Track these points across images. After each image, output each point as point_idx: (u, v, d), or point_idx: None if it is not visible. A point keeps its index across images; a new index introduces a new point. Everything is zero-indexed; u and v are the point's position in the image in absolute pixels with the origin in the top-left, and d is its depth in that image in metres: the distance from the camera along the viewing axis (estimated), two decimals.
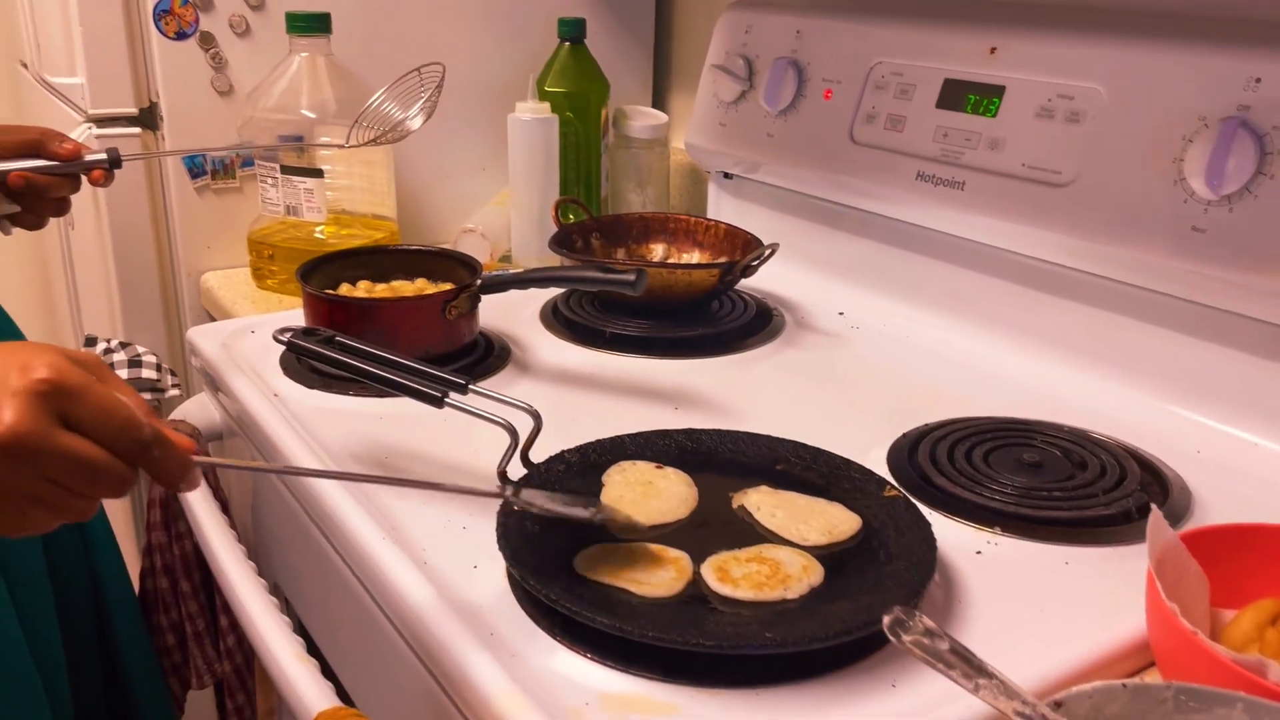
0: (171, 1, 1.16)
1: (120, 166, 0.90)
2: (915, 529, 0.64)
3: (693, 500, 0.69)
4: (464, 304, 0.93)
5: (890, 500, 0.68)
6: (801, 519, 0.65)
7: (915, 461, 0.77)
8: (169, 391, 1.21)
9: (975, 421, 0.83)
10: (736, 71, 1.18)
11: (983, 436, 0.80)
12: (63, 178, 0.89)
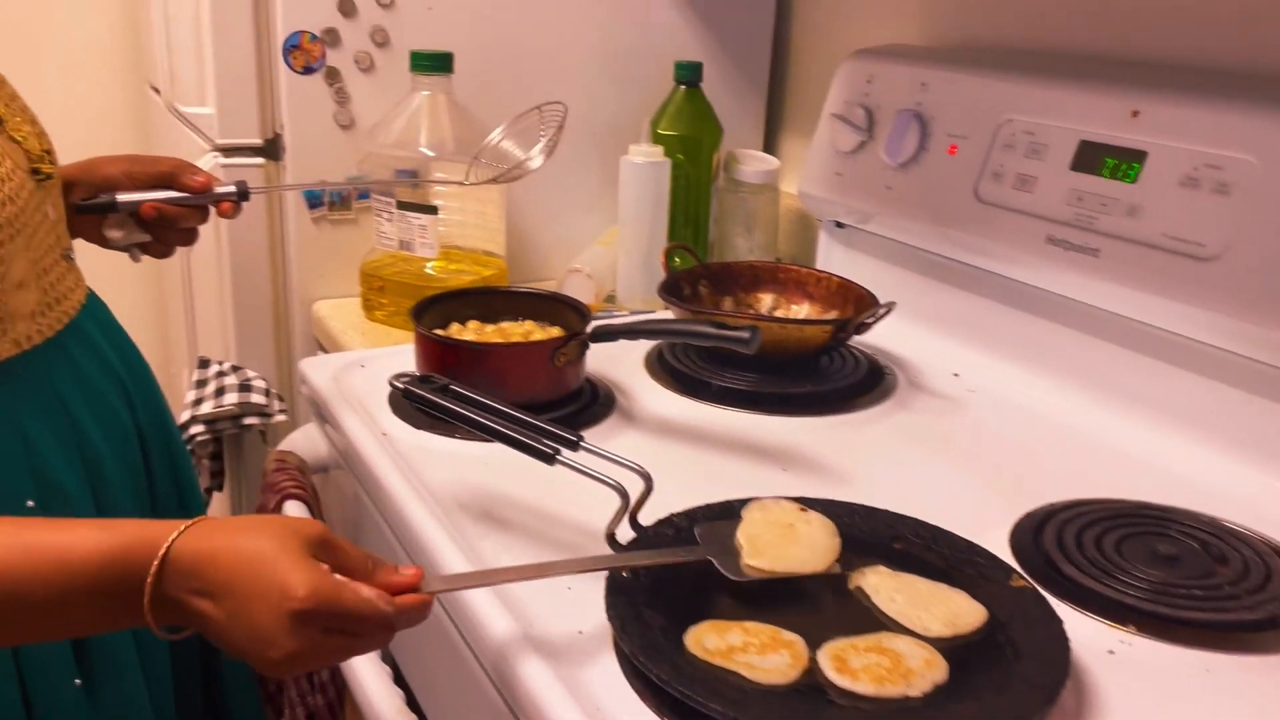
0: (301, 37, 1.19)
1: (248, 199, 0.92)
2: (1046, 625, 0.60)
3: (834, 551, 0.66)
4: (572, 351, 0.92)
5: (1018, 591, 0.64)
6: (923, 606, 0.62)
7: (1041, 546, 0.73)
8: (275, 417, 1.24)
9: (1105, 504, 0.78)
10: (856, 121, 1.15)
11: (1114, 522, 0.76)
12: (192, 209, 0.90)
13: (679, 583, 0.64)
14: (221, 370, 1.25)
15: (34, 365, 0.69)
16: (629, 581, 0.62)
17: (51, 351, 0.71)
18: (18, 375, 0.68)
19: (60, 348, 0.72)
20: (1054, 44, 1.10)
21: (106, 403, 0.76)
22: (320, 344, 1.29)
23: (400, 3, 1.22)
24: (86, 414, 0.73)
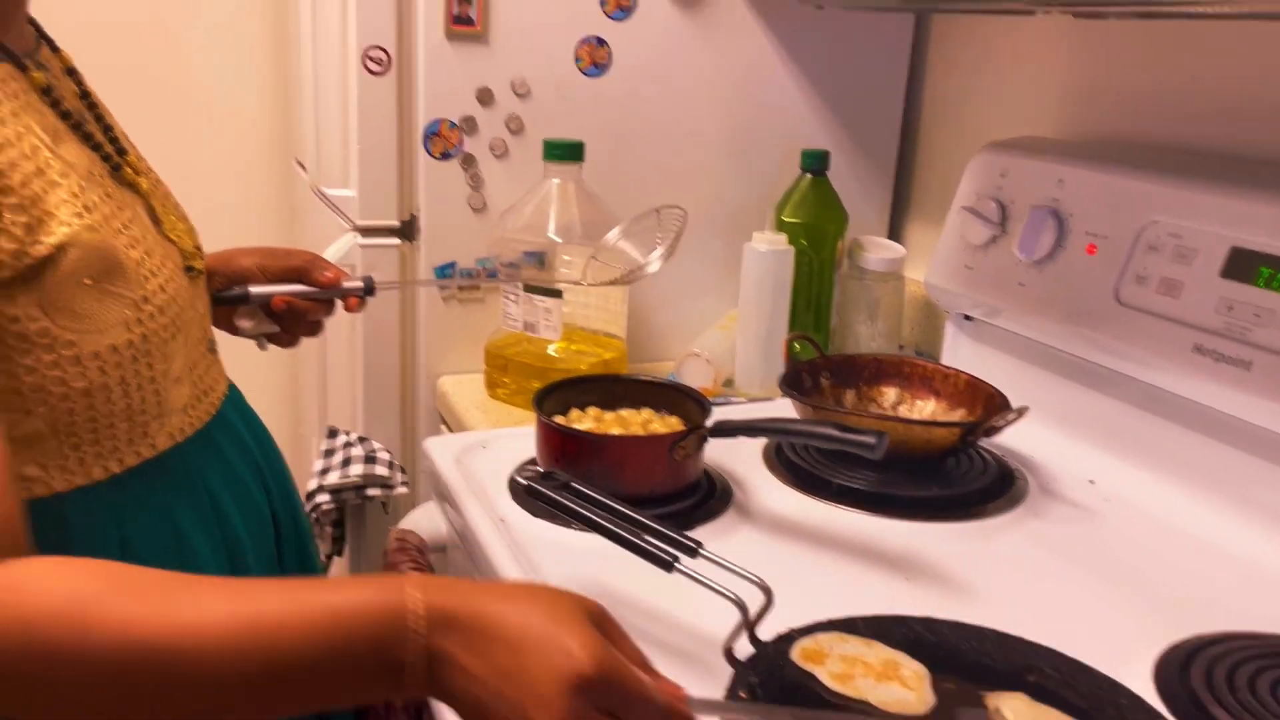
0: (441, 125, 1.23)
1: (374, 294, 0.95)
2: None
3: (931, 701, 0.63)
4: (692, 445, 0.91)
5: None
6: None
7: (1189, 685, 0.68)
8: (397, 489, 1.26)
9: (1260, 640, 0.73)
10: (988, 215, 1.13)
11: (1271, 660, 0.70)
12: (321, 303, 0.93)
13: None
14: (349, 441, 1.29)
15: (185, 458, 0.72)
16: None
17: (200, 443, 0.74)
18: (171, 468, 0.71)
19: (208, 439, 0.75)
20: (1202, 142, 1.06)
21: (247, 491, 0.78)
22: (443, 418, 1.32)
23: (535, 92, 1.26)
24: (231, 504, 0.76)
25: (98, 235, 0.64)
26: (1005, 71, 1.31)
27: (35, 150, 0.62)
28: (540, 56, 1.25)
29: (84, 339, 0.63)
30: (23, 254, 0.60)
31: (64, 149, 0.66)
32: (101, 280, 0.64)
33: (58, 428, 0.64)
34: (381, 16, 1.19)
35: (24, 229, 0.60)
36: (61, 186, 0.63)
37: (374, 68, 1.21)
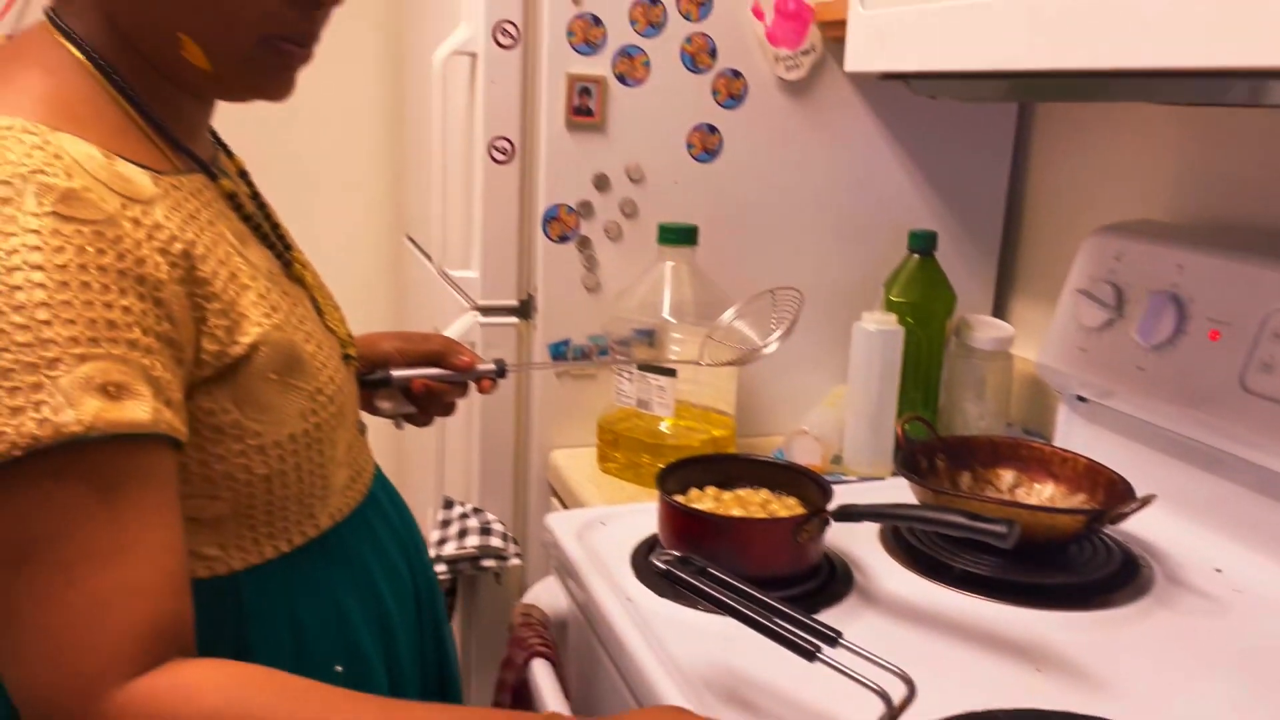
0: (559, 209, 1.29)
1: (505, 377, 0.99)
2: None
3: None
4: (815, 529, 0.93)
5: None
6: None
7: None
8: (511, 560, 1.29)
9: None
10: (1104, 298, 1.13)
11: None
12: (456, 385, 0.97)
13: None
14: (464, 512, 1.32)
15: (343, 536, 0.76)
16: None
17: (356, 521, 0.78)
18: (331, 547, 0.75)
19: (362, 517, 0.79)
20: None
21: (394, 565, 0.82)
22: (555, 491, 1.35)
23: (649, 178, 1.31)
24: (382, 578, 0.79)
25: (282, 333, 0.69)
26: (1112, 155, 1.32)
27: (229, 256, 0.67)
28: (654, 144, 1.30)
29: (268, 429, 0.68)
30: (223, 354, 0.65)
31: (250, 251, 0.71)
32: (284, 374, 0.69)
33: (239, 511, 0.68)
34: (507, 109, 1.26)
35: (224, 331, 0.65)
36: (251, 289, 0.68)
37: (499, 157, 1.27)
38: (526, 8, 1.24)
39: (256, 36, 0.67)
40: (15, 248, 0.56)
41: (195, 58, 0.67)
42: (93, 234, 0.58)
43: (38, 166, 0.58)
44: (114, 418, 0.57)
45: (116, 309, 0.58)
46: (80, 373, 0.56)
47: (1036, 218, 1.46)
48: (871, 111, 1.37)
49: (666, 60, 1.28)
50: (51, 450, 0.55)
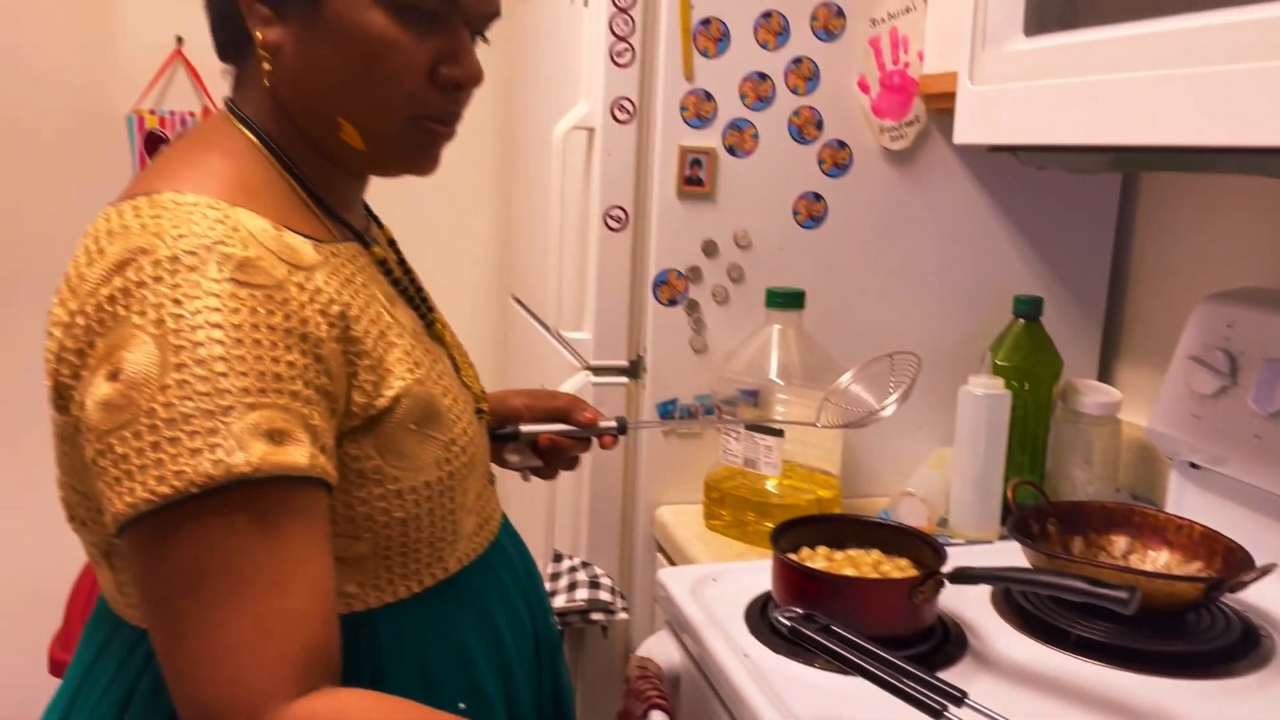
0: (669, 274, 1.34)
1: (626, 433, 1.03)
2: None
3: None
4: (930, 590, 0.94)
5: None
6: None
7: None
8: (619, 614, 1.32)
9: None
10: (1216, 366, 1.13)
11: None
12: (579, 440, 1.02)
13: None
14: (573, 565, 1.36)
15: (470, 580, 0.81)
16: None
17: (482, 567, 0.83)
18: (459, 590, 0.80)
19: (487, 563, 0.84)
20: None
21: (518, 613, 0.86)
22: (660, 546, 1.38)
23: (756, 244, 1.35)
24: (506, 624, 0.84)
25: (423, 387, 0.75)
26: (1217, 222, 1.33)
27: (379, 315, 0.74)
28: (761, 211, 1.35)
29: (406, 476, 0.73)
30: (370, 405, 0.71)
31: (398, 311, 0.78)
32: (422, 425, 0.74)
33: (377, 551, 0.74)
34: (623, 180, 1.32)
35: (372, 385, 0.71)
36: (398, 346, 0.74)
37: (613, 224, 1.33)
38: (643, 85, 1.31)
39: (405, 118, 0.75)
40: (199, 309, 0.63)
41: (352, 139, 0.75)
42: (264, 297, 0.65)
43: (219, 238, 0.66)
44: (277, 460, 0.63)
45: (283, 364, 0.65)
46: (250, 420, 0.62)
47: (1142, 284, 1.46)
48: (975, 179, 1.40)
49: (774, 132, 1.34)
50: (223, 488, 0.61)
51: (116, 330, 0.63)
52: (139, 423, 0.61)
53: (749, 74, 1.32)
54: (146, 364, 0.62)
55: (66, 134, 1.92)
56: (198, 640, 0.62)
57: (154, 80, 1.90)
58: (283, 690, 0.61)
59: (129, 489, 0.61)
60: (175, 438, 0.61)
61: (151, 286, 0.63)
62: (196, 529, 0.62)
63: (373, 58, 0.72)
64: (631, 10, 1.28)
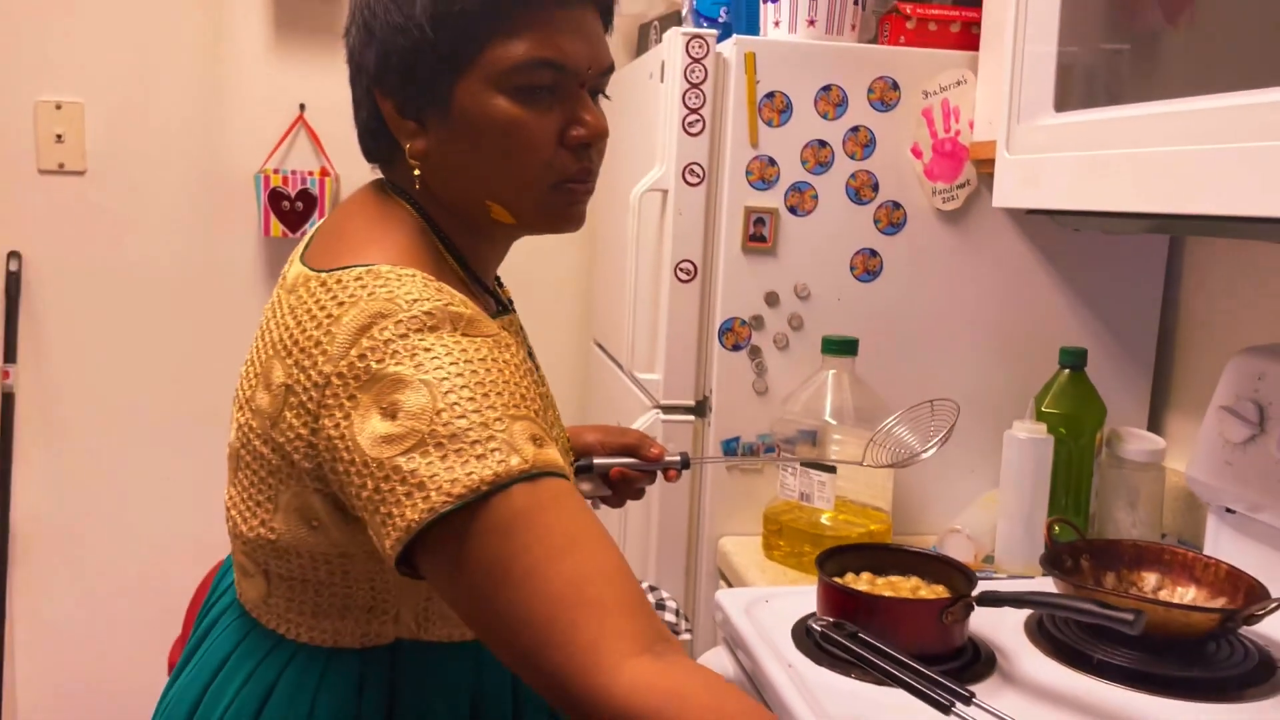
0: (734, 322, 1.46)
1: (689, 468, 1.14)
2: None
3: None
4: (959, 612, 1.03)
5: None
6: None
7: None
8: (683, 635, 1.44)
9: None
10: (1247, 416, 1.20)
11: None
12: (646, 473, 1.13)
13: None
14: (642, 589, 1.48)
15: None
16: None
17: None
18: None
19: None
20: None
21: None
22: (723, 574, 1.49)
23: (814, 295, 1.47)
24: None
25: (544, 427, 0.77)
26: (1261, 278, 1.39)
27: (530, 369, 0.79)
28: (820, 266, 1.47)
29: None
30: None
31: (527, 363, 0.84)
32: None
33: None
34: (692, 237, 1.45)
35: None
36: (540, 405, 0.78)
37: (683, 276, 1.46)
38: (712, 151, 1.45)
39: (546, 186, 0.82)
40: (449, 355, 0.71)
41: (502, 216, 0.84)
42: (493, 343, 0.74)
43: (446, 302, 0.74)
44: (545, 459, 0.70)
45: (521, 387, 0.73)
46: (516, 429, 0.70)
47: (1190, 336, 1.53)
48: (1024, 237, 1.49)
49: (833, 193, 1.46)
50: (506, 486, 0.67)
51: (379, 380, 0.70)
52: (425, 445, 0.68)
53: (810, 141, 1.44)
54: (419, 399, 0.69)
55: (200, 191, 2.14)
56: (534, 618, 0.65)
57: (279, 143, 2.12)
58: (627, 646, 0.63)
59: (423, 497, 0.67)
60: (460, 449, 0.67)
61: (399, 342, 0.71)
62: (496, 525, 0.67)
63: (505, 140, 0.80)
64: (703, 85, 1.42)
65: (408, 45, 0.80)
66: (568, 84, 0.82)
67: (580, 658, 0.63)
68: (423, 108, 0.82)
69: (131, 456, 2.19)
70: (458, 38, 0.79)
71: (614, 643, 0.63)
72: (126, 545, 2.21)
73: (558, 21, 0.80)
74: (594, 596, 0.65)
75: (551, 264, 2.29)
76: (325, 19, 2.13)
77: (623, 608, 0.65)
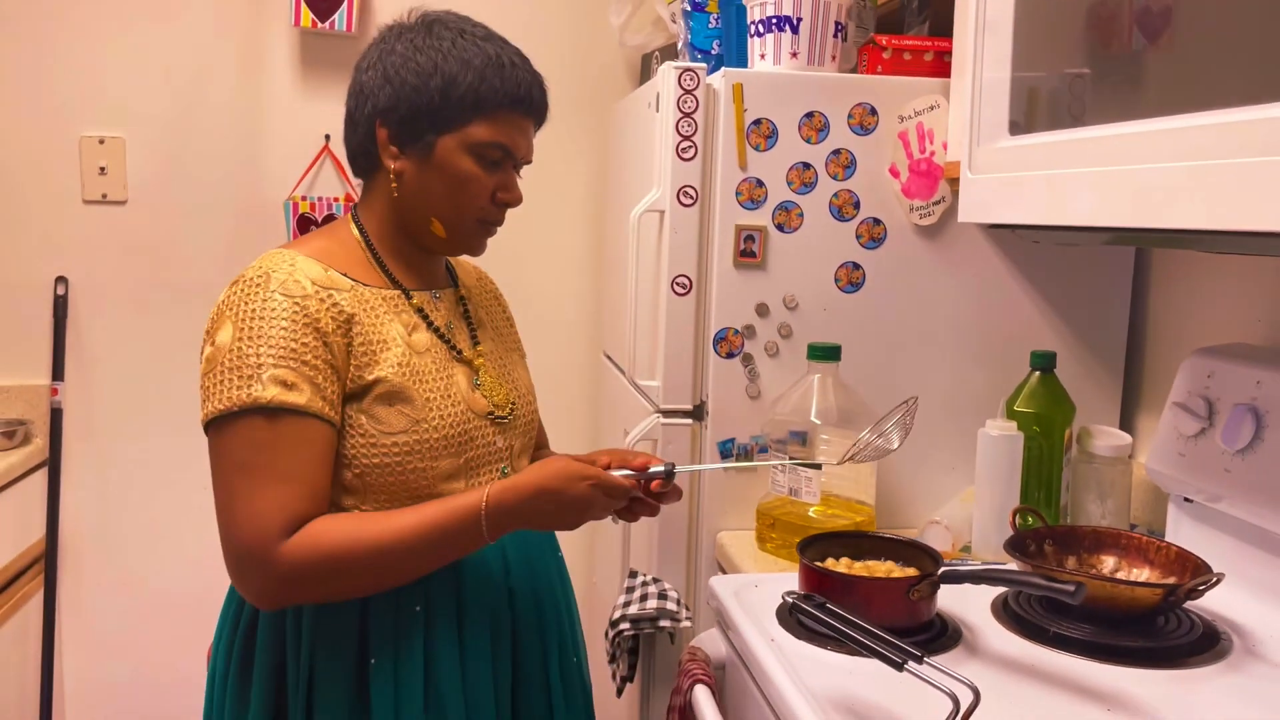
0: (727, 332, 1.58)
1: (674, 478, 1.23)
2: None
3: None
4: (925, 589, 1.14)
5: None
6: None
7: None
8: (683, 622, 1.55)
9: None
10: (1197, 410, 1.31)
11: None
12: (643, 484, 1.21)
13: None
14: (645, 580, 1.59)
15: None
16: None
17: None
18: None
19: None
20: None
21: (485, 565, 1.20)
22: (720, 566, 1.60)
23: (802, 306, 1.58)
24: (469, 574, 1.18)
25: (400, 379, 1.11)
26: (1218, 285, 1.50)
27: (382, 331, 1.13)
28: (806, 279, 1.58)
29: (379, 434, 1.10)
30: (360, 379, 1.10)
31: (415, 336, 1.15)
32: (394, 403, 1.10)
33: (365, 484, 1.11)
34: (687, 253, 1.57)
35: (361, 367, 1.10)
36: (391, 352, 1.12)
37: (679, 290, 1.58)
38: (704, 175, 1.57)
39: (474, 221, 1.17)
40: (257, 308, 1.06)
41: (438, 231, 1.17)
42: (292, 302, 1.07)
43: (278, 271, 1.09)
44: (284, 399, 1.04)
45: (299, 342, 1.06)
46: (272, 374, 1.04)
47: (1158, 339, 1.63)
48: (997, 249, 1.60)
49: (817, 211, 1.57)
50: (250, 410, 1.03)
51: (219, 321, 1.08)
52: (216, 370, 1.05)
53: (795, 164, 1.56)
54: (225, 338, 1.06)
55: (233, 218, 2.29)
56: (235, 505, 1.04)
57: (306, 171, 2.26)
58: (282, 535, 1.03)
59: (205, 406, 1.05)
60: (230, 379, 1.04)
61: (237, 296, 1.08)
62: (236, 436, 1.04)
63: (461, 185, 1.14)
64: (694, 114, 1.54)
65: (417, 101, 1.12)
66: (508, 163, 1.17)
67: (259, 538, 1.03)
68: (409, 144, 1.14)
69: (171, 470, 2.32)
70: (453, 112, 1.12)
71: (279, 533, 1.04)
72: (167, 554, 2.35)
73: (515, 123, 1.16)
74: (279, 504, 1.05)
75: (563, 283, 2.42)
76: (348, 54, 2.27)
77: (291, 515, 1.05)
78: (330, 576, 1.04)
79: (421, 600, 1.14)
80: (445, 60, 1.11)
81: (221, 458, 1.05)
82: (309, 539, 1.03)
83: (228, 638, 1.19)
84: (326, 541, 1.04)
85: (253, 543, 1.02)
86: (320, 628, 1.12)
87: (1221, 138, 0.91)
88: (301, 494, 1.04)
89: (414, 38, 1.13)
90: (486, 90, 1.12)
